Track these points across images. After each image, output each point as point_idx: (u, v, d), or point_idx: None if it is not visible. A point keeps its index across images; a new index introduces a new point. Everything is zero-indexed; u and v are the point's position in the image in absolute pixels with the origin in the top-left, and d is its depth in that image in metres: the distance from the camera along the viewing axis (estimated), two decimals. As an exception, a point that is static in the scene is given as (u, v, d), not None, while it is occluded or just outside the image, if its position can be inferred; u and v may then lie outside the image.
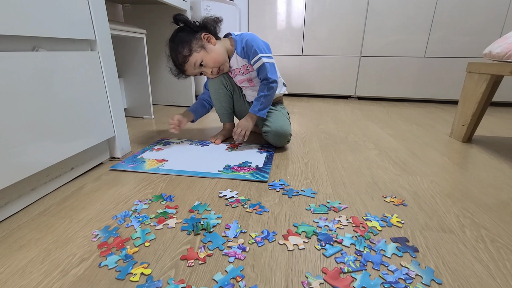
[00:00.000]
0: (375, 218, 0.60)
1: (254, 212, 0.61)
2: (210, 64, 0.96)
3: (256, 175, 0.79)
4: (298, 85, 2.30)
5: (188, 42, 0.93)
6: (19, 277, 0.43)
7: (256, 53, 0.94)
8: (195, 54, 0.93)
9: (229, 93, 1.09)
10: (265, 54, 0.96)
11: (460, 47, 1.97)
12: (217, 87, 1.06)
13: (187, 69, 0.96)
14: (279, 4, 2.14)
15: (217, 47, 0.96)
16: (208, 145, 1.05)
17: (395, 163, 0.91)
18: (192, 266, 0.46)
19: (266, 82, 0.97)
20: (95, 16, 0.76)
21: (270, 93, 0.98)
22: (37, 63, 0.60)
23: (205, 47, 0.94)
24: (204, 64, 0.95)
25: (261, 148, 1.03)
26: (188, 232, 0.54)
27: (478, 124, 1.14)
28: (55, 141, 0.66)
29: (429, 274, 0.44)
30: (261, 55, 0.95)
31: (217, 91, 1.07)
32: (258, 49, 0.95)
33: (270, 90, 0.97)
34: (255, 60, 0.95)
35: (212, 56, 0.95)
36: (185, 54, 0.93)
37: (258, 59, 0.95)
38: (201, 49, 0.93)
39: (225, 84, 1.07)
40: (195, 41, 0.93)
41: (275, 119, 1.00)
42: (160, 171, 0.82)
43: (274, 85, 0.98)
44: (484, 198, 0.70)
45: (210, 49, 0.95)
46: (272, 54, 0.99)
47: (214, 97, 1.09)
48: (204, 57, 0.94)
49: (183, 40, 0.92)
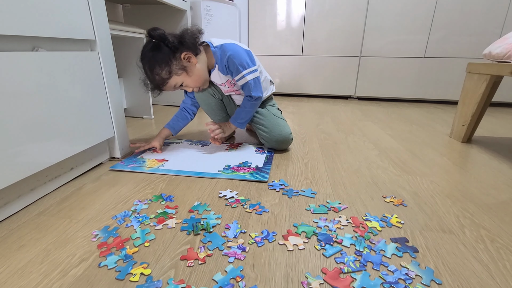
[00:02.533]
0: (375, 218, 0.60)
1: (254, 212, 0.61)
2: (190, 86, 0.91)
3: (256, 175, 0.79)
4: (298, 85, 2.30)
5: (167, 63, 0.83)
6: (19, 277, 0.43)
7: (239, 71, 0.89)
8: (175, 77, 0.86)
9: (219, 100, 1.05)
10: (249, 70, 0.90)
11: (460, 47, 1.97)
12: (206, 98, 1.03)
13: (165, 89, 0.90)
14: (279, 4, 2.14)
15: (198, 67, 0.89)
16: (208, 145, 1.05)
17: (395, 163, 0.91)
18: (192, 266, 0.46)
19: (250, 98, 0.95)
20: (95, 16, 0.76)
21: (252, 110, 0.97)
22: (37, 63, 0.60)
23: (186, 69, 0.86)
24: (184, 85, 0.90)
25: (261, 148, 1.03)
26: (188, 232, 0.54)
27: (478, 124, 1.14)
28: (54, 141, 0.66)
29: (429, 275, 0.44)
30: (244, 73, 0.90)
31: (207, 103, 1.04)
32: (241, 66, 0.89)
33: (252, 107, 0.96)
34: (239, 77, 0.91)
35: (193, 79, 0.89)
36: (164, 77, 0.85)
37: (241, 77, 0.90)
38: (182, 71, 0.86)
39: (213, 94, 1.03)
40: (175, 62, 0.84)
41: (270, 125, 0.97)
42: (160, 171, 0.82)
43: (257, 102, 0.96)
44: (484, 198, 0.70)
45: (191, 70, 0.87)
46: (255, 65, 0.93)
47: (206, 108, 1.06)
48: (185, 80, 0.88)
49: (161, 61, 0.83)
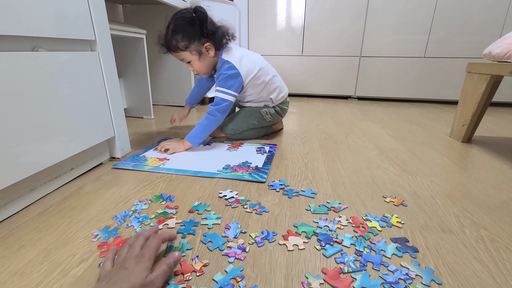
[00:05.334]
0: (375, 218, 0.60)
1: (254, 212, 0.61)
2: (195, 68, 0.98)
3: (254, 176, 0.79)
4: (298, 85, 2.30)
5: (190, 40, 0.91)
6: (19, 277, 0.43)
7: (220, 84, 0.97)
8: (188, 53, 0.93)
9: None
10: (225, 90, 0.97)
11: (460, 47, 1.97)
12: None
13: (172, 54, 0.96)
14: (279, 4, 2.14)
15: (210, 60, 0.98)
16: (210, 145, 1.05)
17: (395, 163, 0.91)
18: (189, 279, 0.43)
19: (208, 111, 0.98)
20: (95, 16, 0.76)
21: (206, 123, 0.97)
22: (37, 63, 0.60)
23: (201, 54, 0.95)
24: (190, 64, 0.97)
25: (262, 148, 1.03)
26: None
27: (478, 124, 1.14)
28: (54, 141, 0.66)
29: (429, 275, 0.44)
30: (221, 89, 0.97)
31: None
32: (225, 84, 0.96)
33: (207, 119, 0.97)
34: (217, 89, 0.98)
35: (200, 65, 0.97)
36: (178, 46, 0.92)
37: (218, 90, 0.97)
38: (196, 54, 0.94)
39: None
40: (196, 43, 0.93)
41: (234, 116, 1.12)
42: (160, 169, 0.82)
43: (211, 118, 0.97)
44: (484, 198, 0.70)
45: (204, 58, 0.96)
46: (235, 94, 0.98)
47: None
48: (193, 62, 0.96)
49: (187, 34, 0.90)
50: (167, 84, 1.73)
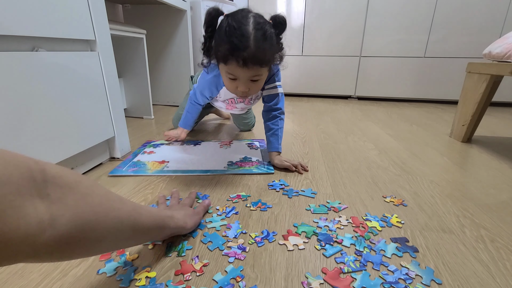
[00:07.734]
0: (375, 218, 0.60)
1: (259, 210, 0.62)
2: (258, 87, 0.77)
3: (262, 168, 0.81)
4: (298, 85, 2.30)
5: (273, 52, 0.72)
6: (19, 277, 0.43)
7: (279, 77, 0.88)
8: (265, 69, 0.71)
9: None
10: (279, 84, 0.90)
11: (460, 47, 1.97)
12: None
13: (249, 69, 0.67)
14: (279, 4, 2.14)
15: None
16: (200, 144, 1.05)
17: (395, 163, 0.91)
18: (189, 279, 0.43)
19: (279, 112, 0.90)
20: (95, 16, 0.76)
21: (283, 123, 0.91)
22: (37, 63, 0.60)
23: (268, 70, 0.75)
24: (255, 83, 0.73)
25: (252, 143, 1.06)
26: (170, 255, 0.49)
27: (478, 124, 1.14)
28: (54, 141, 0.66)
29: (429, 274, 0.44)
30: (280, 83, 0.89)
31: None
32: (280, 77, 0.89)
33: (282, 120, 0.91)
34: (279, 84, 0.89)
35: (261, 84, 0.77)
36: (263, 58, 0.67)
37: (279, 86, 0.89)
38: (267, 71, 0.74)
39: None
40: (275, 57, 0.74)
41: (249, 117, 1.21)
42: (166, 172, 0.80)
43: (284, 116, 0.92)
44: (484, 198, 0.70)
45: (265, 76, 0.75)
46: None
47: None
48: (261, 80, 0.74)
49: (273, 44, 0.70)
50: (167, 84, 1.73)
